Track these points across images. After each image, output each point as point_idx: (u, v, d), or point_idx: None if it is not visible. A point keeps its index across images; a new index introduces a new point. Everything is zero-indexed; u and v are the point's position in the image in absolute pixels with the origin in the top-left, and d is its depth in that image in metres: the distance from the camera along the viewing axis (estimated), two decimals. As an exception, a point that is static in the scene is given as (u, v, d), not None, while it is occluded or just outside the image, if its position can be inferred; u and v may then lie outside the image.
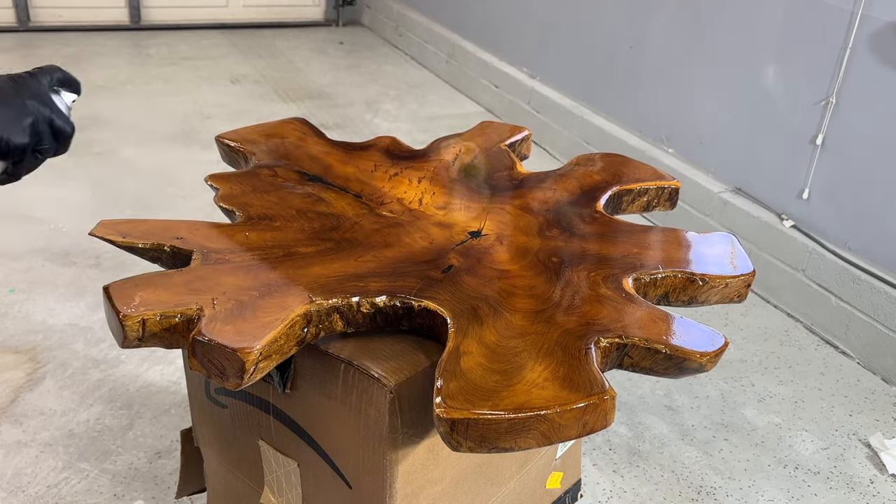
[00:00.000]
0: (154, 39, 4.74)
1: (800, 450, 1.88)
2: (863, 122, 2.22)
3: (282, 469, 1.12)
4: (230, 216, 1.16)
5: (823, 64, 2.30)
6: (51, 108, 0.86)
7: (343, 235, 1.11)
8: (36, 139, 0.84)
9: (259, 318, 0.88)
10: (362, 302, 0.95)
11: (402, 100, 4.06)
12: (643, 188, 1.32)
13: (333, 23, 5.41)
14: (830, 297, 2.32)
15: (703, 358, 0.91)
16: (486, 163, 1.40)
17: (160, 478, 1.65)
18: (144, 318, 0.87)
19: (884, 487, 1.79)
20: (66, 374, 1.92)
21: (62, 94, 0.93)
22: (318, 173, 1.29)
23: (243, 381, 0.84)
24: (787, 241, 2.45)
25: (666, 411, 1.98)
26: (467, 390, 0.81)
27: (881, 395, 2.11)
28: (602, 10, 3.22)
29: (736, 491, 1.74)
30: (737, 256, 1.13)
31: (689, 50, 2.81)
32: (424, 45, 4.62)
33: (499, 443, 0.79)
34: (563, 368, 0.85)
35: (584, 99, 3.41)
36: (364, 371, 0.92)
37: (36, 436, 1.74)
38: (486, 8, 4.06)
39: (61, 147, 0.89)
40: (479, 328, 0.92)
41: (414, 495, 1.02)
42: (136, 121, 3.50)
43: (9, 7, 4.54)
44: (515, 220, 1.20)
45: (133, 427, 1.78)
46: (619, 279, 1.04)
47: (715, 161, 2.75)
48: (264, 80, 4.18)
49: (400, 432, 0.94)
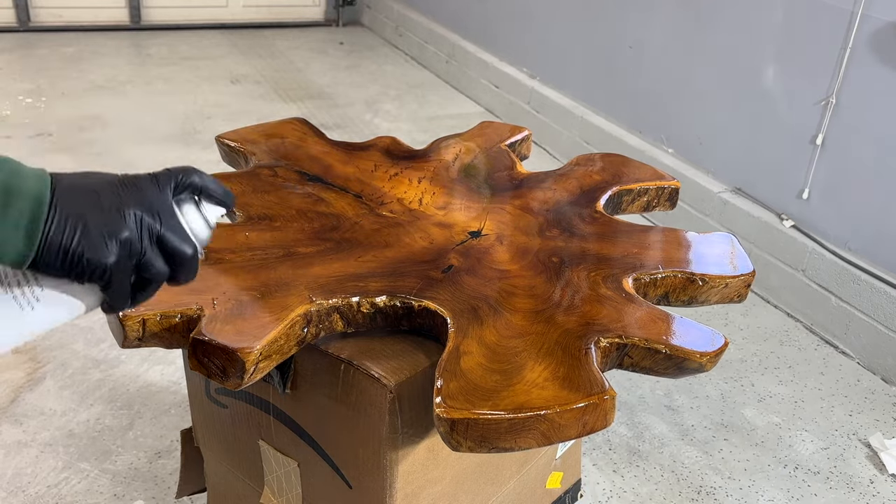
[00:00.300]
0: (154, 39, 4.74)
1: (800, 450, 1.88)
2: (863, 122, 2.22)
3: (282, 469, 1.12)
4: (230, 216, 1.16)
5: (823, 64, 2.30)
6: (164, 221, 0.66)
7: (343, 235, 1.11)
8: (133, 260, 0.64)
9: (259, 318, 0.88)
10: (362, 302, 0.95)
11: (402, 100, 4.06)
12: (643, 188, 1.32)
13: (333, 23, 5.41)
14: (830, 297, 2.32)
15: (703, 358, 0.91)
16: (486, 163, 1.40)
17: (160, 478, 1.65)
18: (144, 318, 0.87)
19: (884, 487, 1.79)
20: (67, 374, 1.92)
21: (203, 207, 0.71)
22: (318, 173, 1.29)
23: (243, 381, 0.84)
24: (787, 241, 2.45)
25: (666, 411, 1.98)
26: (467, 390, 0.81)
27: (881, 395, 2.11)
28: (602, 10, 3.22)
29: (736, 491, 1.74)
30: (737, 256, 1.13)
31: (689, 50, 2.81)
32: (424, 45, 4.62)
33: (499, 443, 0.79)
34: (563, 368, 0.85)
35: (584, 99, 3.41)
36: (364, 371, 0.92)
37: (36, 436, 1.74)
38: (486, 8, 4.06)
39: (181, 273, 0.68)
40: (479, 328, 0.92)
41: (414, 495, 1.02)
42: (136, 121, 3.50)
43: (9, 7, 4.54)
44: (515, 220, 1.20)
45: (133, 427, 1.78)
46: (619, 279, 1.04)
47: (715, 161, 2.75)
48: (264, 80, 4.18)
49: (400, 432, 0.94)
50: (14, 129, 3.32)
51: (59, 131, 3.33)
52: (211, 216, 0.72)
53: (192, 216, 0.70)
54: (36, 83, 3.84)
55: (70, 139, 3.26)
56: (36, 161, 3.10)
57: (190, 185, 0.70)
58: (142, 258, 0.65)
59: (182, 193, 0.70)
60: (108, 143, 3.25)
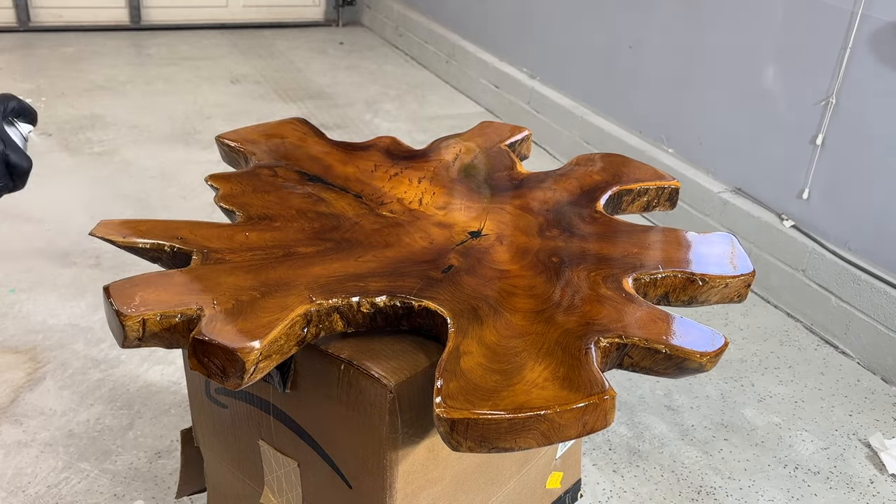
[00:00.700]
0: (154, 39, 4.74)
1: (800, 450, 1.88)
2: (863, 122, 2.22)
3: (282, 469, 1.12)
4: (230, 216, 1.16)
5: (823, 64, 2.30)
6: (4, 141, 0.79)
7: (343, 235, 1.11)
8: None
9: (259, 318, 0.88)
10: (362, 302, 0.95)
11: (402, 100, 4.06)
12: (643, 188, 1.32)
13: (333, 23, 5.41)
14: (830, 297, 2.32)
15: (703, 358, 0.91)
16: (486, 163, 1.40)
17: (160, 478, 1.65)
18: (144, 318, 0.87)
19: (884, 487, 1.79)
20: (67, 374, 1.92)
21: (18, 125, 0.86)
22: (319, 173, 1.29)
23: (243, 381, 0.84)
24: (787, 241, 2.45)
25: (666, 411, 1.98)
26: (467, 390, 0.81)
27: (881, 395, 2.11)
28: (602, 10, 3.22)
29: (736, 491, 1.74)
30: (737, 256, 1.13)
31: (689, 50, 2.81)
32: (424, 45, 4.62)
33: (499, 443, 0.79)
34: (563, 368, 0.85)
35: (584, 99, 3.41)
36: (364, 371, 0.92)
37: (36, 436, 1.74)
38: (486, 8, 4.06)
39: (18, 183, 0.82)
40: (479, 328, 0.92)
41: (414, 495, 1.02)
42: (136, 121, 3.50)
43: (9, 7, 4.54)
44: (515, 220, 1.20)
45: (133, 427, 1.78)
46: (619, 279, 1.04)
47: (715, 161, 2.75)
48: (264, 80, 4.18)
49: (400, 432, 0.94)
50: (14, 129, 3.32)
51: (58, 131, 3.33)
52: (24, 131, 0.87)
53: (16, 134, 0.84)
54: (36, 83, 3.84)
55: (70, 139, 3.26)
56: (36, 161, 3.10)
57: (13, 109, 0.84)
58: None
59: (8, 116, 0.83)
60: (107, 143, 3.25)
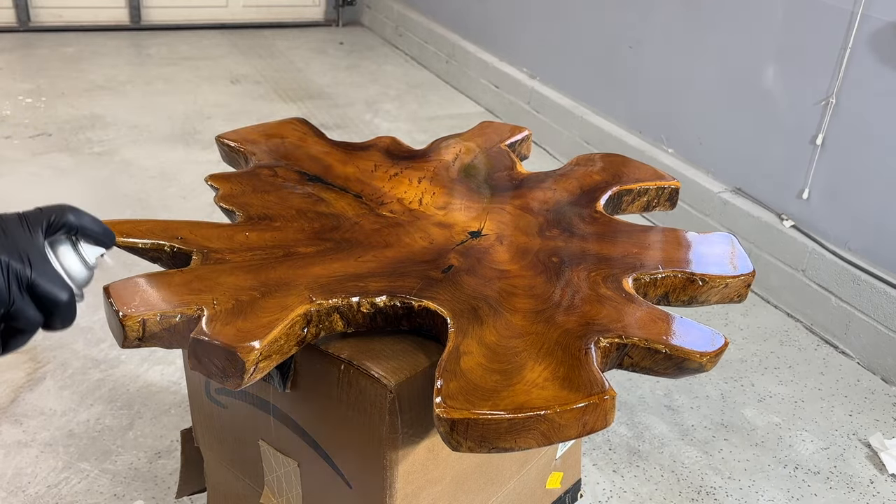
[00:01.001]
0: (154, 39, 4.74)
1: (800, 450, 1.88)
2: (863, 122, 2.22)
3: (282, 469, 1.12)
4: (230, 216, 1.16)
5: (823, 64, 2.30)
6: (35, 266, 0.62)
7: (343, 235, 1.11)
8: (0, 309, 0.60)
9: (259, 318, 0.88)
10: (362, 302, 0.95)
11: (402, 100, 4.06)
12: (643, 188, 1.32)
13: (333, 23, 5.41)
14: (830, 297, 2.32)
15: (703, 358, 0.91)
16: (486, 163, 1.40)
17: (160, 478, 1.65)
18: (144, 318, 0.87)
19: (884, 487, 1.79)
20: (66, 374, 1.92)
21: (81, 248, 0.68)
22: (318, 173, 1.29)
23: (243, 381, 0.84)
24: (786, 241, 2.45)
25: (666, 411, 1.98)
26: (467, 390, 0.81)
27: (881, 395, 2.11)
28: (602, 10, 3.22)
29: (736, 491, 1.74)
30: (737, 256, 1.13)
31: (689, 50, 2.81)
32: (424, 45, 4.62)
33: (499, 443, 0.79)
34: (563, 368, 0.85)
35: (584, 99, 3.40)
36: (364, 371, 0.92)
37: (36, 436, 1.74)
38: (486, 8, 4.06)
39: (56, 319, 0.64)
40: (479, 328, 0.92)
41: (414, 495, 1.02)
42: (136, 121, 3.50)
43: (9, 7, 4.54)
44: (515, 220, 1.20)
45: (133, 427, 1.78)
46: (619, 279, 1.04)
47: (715, 161, 2.75)
48: (264, 80, 4.18)
49: (400, 432, 0.94)
50: (14, 128, 3.32)
51: (58, 131, 3.33)
52: (90, 256, 0.68)
53: (68, 258, 0.66)
54: (36, 83, 3.84)
55: (70, 139, 3.26)
56: (36, 161, 3.11)
57: (64, 224, 0.66)
58: (10, 308, 0.60)
59: (56, 234, 0.66)
60: (107, 143, 3.25)
